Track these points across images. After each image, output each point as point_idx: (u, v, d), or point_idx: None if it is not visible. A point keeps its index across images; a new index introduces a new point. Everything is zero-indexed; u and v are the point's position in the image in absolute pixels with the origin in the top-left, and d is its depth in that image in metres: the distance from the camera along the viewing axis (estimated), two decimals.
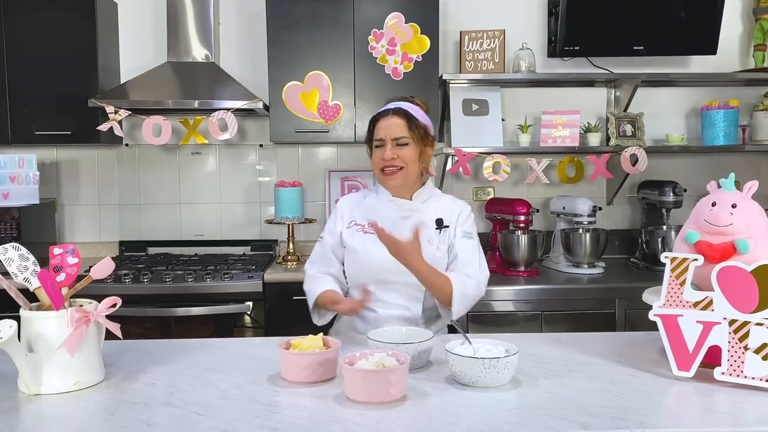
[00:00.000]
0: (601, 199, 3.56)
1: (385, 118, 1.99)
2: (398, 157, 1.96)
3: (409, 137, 1.97)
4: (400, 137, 1.96)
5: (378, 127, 2.00)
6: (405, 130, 1.97)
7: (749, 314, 1.39)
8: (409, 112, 2.00)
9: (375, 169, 2.02)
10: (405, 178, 2.00)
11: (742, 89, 3.56)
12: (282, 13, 3.13)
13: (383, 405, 1.30)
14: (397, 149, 1.96)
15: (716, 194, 1.54)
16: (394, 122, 1.98)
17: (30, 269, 1.47)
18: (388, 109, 2.02)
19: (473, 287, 1.92)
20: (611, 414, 1.25)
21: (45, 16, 3.13)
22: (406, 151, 1.97)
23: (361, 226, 2.03)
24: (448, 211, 2.05)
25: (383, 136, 1.98)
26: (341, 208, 2.11)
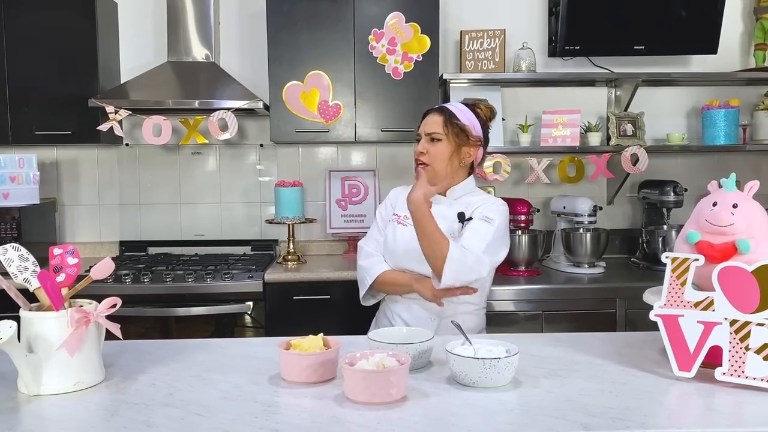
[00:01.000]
0: (601, 199, 3.56)
1: (427, 116, 2.11)
2: (427, 152, 2.05)
3: (443, 133, 2.04)
4: (432, 132, 2.05)
5: (421, 125, 2.11)
6: (440, 126, 2.05)
7: (750, 314, 1.39)
8: (450, 110, 2.07)
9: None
10: (431, 175, 2.04)
11: (742, 89, 3.56)
12: (282, 13, 3.13)
13: (383, 405, 1.29)
14: (428, 144, 2.06)
15: (717, 194, 1.54)
16: (433, 119, 2.07)
17: (30, 270, 1.47)
18: (431, 108, 2.13)
19: (472, 260, 1.91)
20: (612, 414, 1.25)
21: (45, 15, 3.13)
22: (437, 147, 2.04)
23: (398, 216, 2.15)
24: (477, 206, 2.07)
25: (420, 131, 2.10)
26: (391, 196, 2.25)
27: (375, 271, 2.11)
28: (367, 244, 2.20)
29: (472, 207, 2.07)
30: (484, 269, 1.95)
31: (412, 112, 3.16)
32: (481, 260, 1.93)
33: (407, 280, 2.06)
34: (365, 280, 2.13)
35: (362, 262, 2.16)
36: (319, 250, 3.55)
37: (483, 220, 2.01)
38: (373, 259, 2.15)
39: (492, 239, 1.98)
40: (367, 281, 2.12)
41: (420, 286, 2.02)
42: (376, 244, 2.18)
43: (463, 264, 1.89)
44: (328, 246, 3.56)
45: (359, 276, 2.18)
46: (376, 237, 2.20)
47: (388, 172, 3.56)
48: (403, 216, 2.12)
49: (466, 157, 2.08)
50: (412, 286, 2.04)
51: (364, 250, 2.18)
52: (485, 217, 2.01)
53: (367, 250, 2.17)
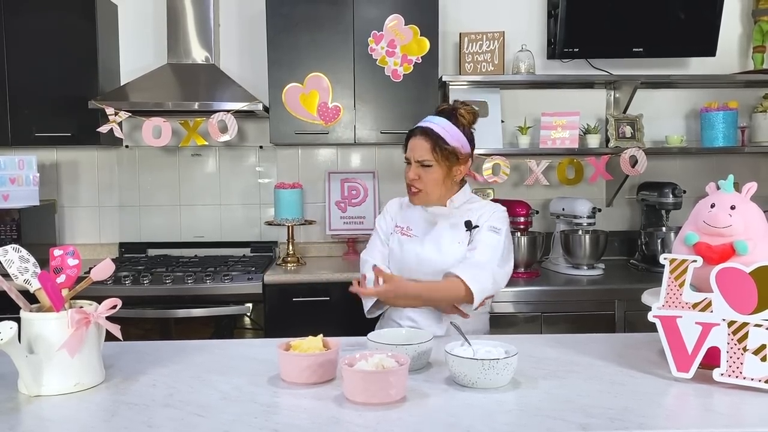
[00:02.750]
0: (600, 201, 3.56)
1: (414, 138, 2.04)
2: (419, 178, 2.01)
3: (433, 159, 1.99)
4: (423, 159, 2.01)
5: (409, 146, 2.05)
6: (429, 152, 1.99)
7: (748, 315, 1.39)
8: (437, 132, 1.99)
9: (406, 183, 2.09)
10: (425, 199, 2.05)
11: (741, 91, 3.56)
12: (282, 15, 3.14)
13: (383, 406, 1.30)
14: (420, 170, 2.02)
15: (715, 196, 1.55)
16: (420, 144, 2.01)
17: (30, 271, 1.47)
18: (415, 129, 2.05)
19: (488, 279, 1.92)
20: (610, 415, 1.25)
21: (45, 17, 3.13)
22: (429, 173, 2.01)
23: (400, 228, 2.14)
24: (480, 213, 2.07)
25: (409, 156, 2.05)
26: (390, 209, 2.23)
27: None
28: (372, 256, 2.14)
29: (474, 214, 2.07)
30: (501, 281, 1.99)
31: (412, 114, 3.17)
32: (495, 275, 1.95)
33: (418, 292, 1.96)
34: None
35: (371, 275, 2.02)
36: (318, 252, 3.55)
37: (492, 231, 2.02)
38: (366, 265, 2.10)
39: (503, 249, 2.01)
40: None
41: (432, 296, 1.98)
42: (381, 256, 2.14)
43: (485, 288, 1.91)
44: (327, 248, 3.56)
45: None
46: (380, 249, 2.16)
47: (387, 173, 3.56)
48: (406, 227, 2.12)
49: (458, 175, 2.06)
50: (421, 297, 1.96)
51: (368, 262, 2.11)
52: (493, 228, 2.02)
53: (371, 262, 2.09)
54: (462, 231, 2.05)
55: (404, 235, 2.11)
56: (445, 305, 1.97)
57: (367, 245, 2.22)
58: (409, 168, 2.05)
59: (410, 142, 2.05)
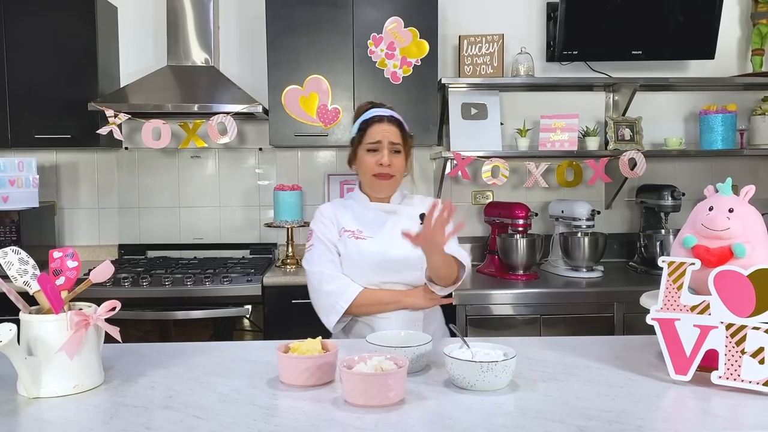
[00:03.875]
0: (599, 203, 3.57)
1: (381, 124, 2.01)
2: (392, 164, 2.00)
3: (402, 146, 2.02)
4: (396, 143, 2.01)
5: (373, 131, 2.01)
6: (399, 138, 2.02)
7: (746, 318, 1.39)
8: (402, 122, 2.06)
9: (367, 173, 2.03)
10: (394, 186, 2.07)
11: (740, 93, 3.57)
12: (282, 17, 3.14)
13: (381, 408, 1.30)
14: (392, 156, 2.00)
15: (713, 198, 1.55)
16: (391, 129, 2.01)
17: (30, 273, 1.48)
18: (382, 116, 2.03)
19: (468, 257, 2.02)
20: (609, 417, 1.26)
21: (45, 19, 3.14)
22: (399, 159, 2.02)
23: (352, 232, 2.04)
24: (423, 207, 2.09)
25: (380, 139, 1.99)
26: (328, 215, 2.10)
27: (349, 294, 1.97)
28: (325, 267, 2.01)
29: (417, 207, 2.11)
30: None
31: (411, 117, 3.15)
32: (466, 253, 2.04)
33: (393, 297, 1.99)
34: (336, 305, 1.97)
35: (329, 287, 1.98)
36: None
37: None
38: (341, 281, 1.99)
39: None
40: (340, 306, 1.96)
41: (412, 300, 2.00)
42: (334, 266, 2.02)
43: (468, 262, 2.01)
44: None
45: (325, 303, 1.99)
46: (330, 258, 2.03)
47: None
48: (357, 230, 2.04)
49: (407, 168, 2.09)
50: (401, 302, 1.99)
51: (326, 274, 1.99)
52: None
53: (330, 274, 1.99)
54: (416, 224, 2.01)
55: (359, 238, 2.02)
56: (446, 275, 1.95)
57: (310, 258, 2.05)
58: (375, 154, 2.00)
59: (377, 127, 2.01)
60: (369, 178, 2.04)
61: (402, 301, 1.99)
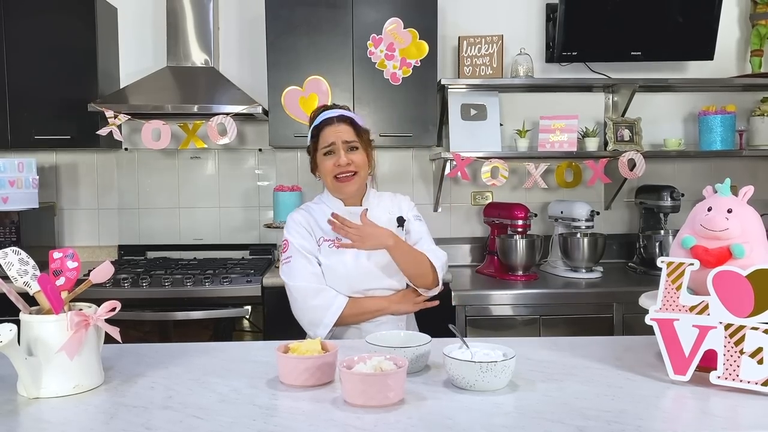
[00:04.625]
0: (599, 204, 3.57)
1: (331, 126, 1.99)
2: (352, 161, 1.98)
3: (358, 142, 2.00)
4: (351, 141, 1.99)
5: (325, 134, 1.99)
6: (353, 135, 2.00)
7: (745, 318, 1.40)
8: (353, 118, 2.03)
9: (328, 177, 2.00)
10: (359, 183, 2.03)
11: (739, 94, 3.58)
12: (281, 18, 3.15)
13: (381, 408, 1.30)
14: (350, 154, 1.98)
15: (712, 199, 1.55)
16: (343, 128, 1.99)
17: (30, 273, 1.48)
18: (331, 117, 2.00)
19: (443, 256, 2.06)
20: (608, 417, 1.26)
21: (45, 20, 3.14)
22: (357, 155, 2.00)
23: (331, 240, 2.01)
24: (395, 206, 2.13)
25: (334, 141, 1.97)
26: (302, 223, 2.05)
27: (336, 307, 1.95)
28: (308, 281, 1.98)
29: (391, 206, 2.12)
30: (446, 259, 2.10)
31: (411, 118, 3.18)
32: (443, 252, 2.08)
33: (378, 305, 2.00)
34: (324, 319, 1.95)
35: (314, 302, 1.96)
36: None
37: (418, 220, 2.13)
38: (326, 295, 1.97)
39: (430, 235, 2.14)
40: (327, 320, 1.95)
41: (397, 306, 2.01)
42: (317, 279, 1.98)
43: (443, 264, 2.05)
44: None
45: (312, 317, 1.97)
46: (312, 270, 1.99)
47: (386, 176, 3.57)
48: (336, 238, 1.99)
49: (371, 164, 2.07)
50: (387, 309, 2.01)
51: (310, 288, 1.96)
52: (416, 216, 2.14)
53: (314, 288, 1.97)
54: (393, 227, 2.04)
55: (340, 246, 1.97)
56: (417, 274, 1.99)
57: (290, 271, 2.00)
58: (332, 157, 1.98)
59: (327, 130, 1.98)
60: (331, 182, 2.01)
61: (388, 308, 2.01)
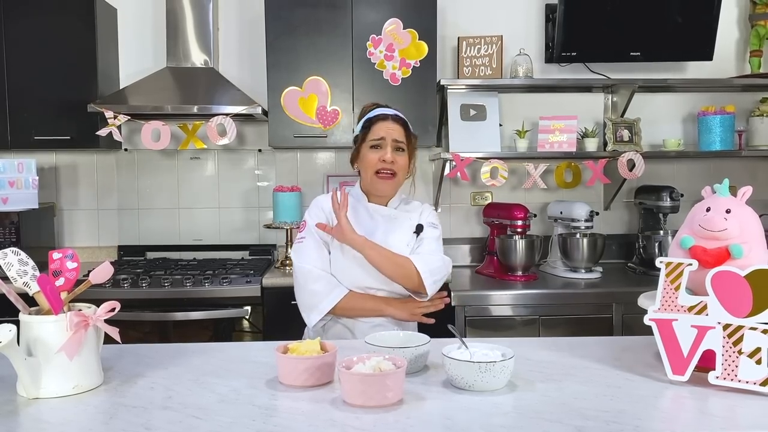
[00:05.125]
0: (598, 204, 3.57)
1: (385, 122, 2.00)
2: (395, 162, 1.98)
3: (406, 145, 2.01)
4: (400, 141, 2.00)
5: (377, 128, 2.00)
6: (403, 136, 2.01)
7: (743, 319, 1.40)
8: (407, 122, 2.05)
9: (368, 169, 2.00)
10: (396, 186, 2.03)
11: (738, 95, 3.58)
12: (281, 19, 3.15)
13: (380, 409, 1.30)
14: (395, 153, 1.98)
15: (710, 199, 1.56)
16: (395, 127, 2.00)
17: (29, 274, 1.48)
18: (387, 114, 2.02)
19: (438, 261, 1.98)
20: (606, 418, 1.26)
21: (45, 21, 3.15)
22: (402, 158, 2.00)
23: None
24: (417, 215, 2.09)
25: (384, 136, 1.98)
26: (325, 207, 2.05)
27: (334, 296, 1.95)
28: (312, 263, 1.97)
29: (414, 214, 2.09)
30: (449, 266, 2.04)
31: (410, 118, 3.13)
32: (444, 259, 2.02)
33: (376, 305, 1.98)
34: (320, 305, 1.94)
35: (314, 286, 1.95)
36: None
37: (432, 227, 2.08)
38: (327, 281, 1.96)
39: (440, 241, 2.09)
40: (323, 307, 1.94)
41: (393, 310, 1.97)
42: (322, 263, 1.98)
43: (435, 268, 1.96)
44: None
45: (309, 301, 1.97)
46: (320, 254, 1.98)
47: None
48: None
49: (410, 170, 2.07)
50: (383, 311, 1.98)
51: (313, 272, 1.96)
52: (432, 224, 2.09)
53: (317, 273, 1.96)
54: (409, 234, 2.03)
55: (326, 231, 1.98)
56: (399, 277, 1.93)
57: (299, 250, 2.01)
58: (378, 151, 1.98)
59: (381, 124, 1.99)
60: (371, 176, 2.00)
61: (383, 310, 1.98)
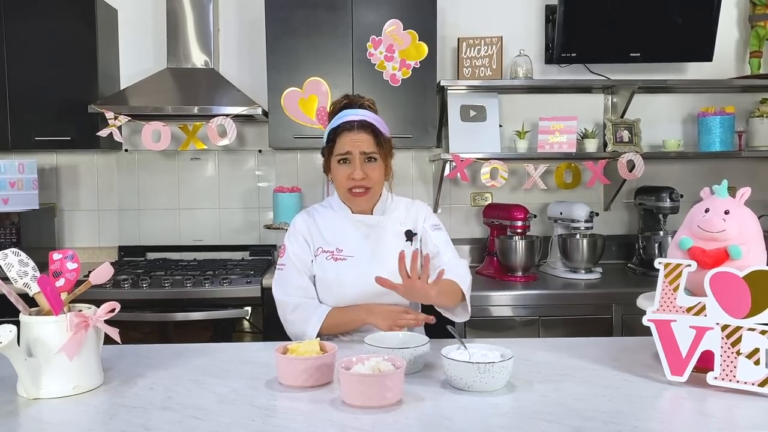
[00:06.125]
0: (598, 205, 3.57)
1: (350, 133, 1.84)
2: (367, 176, 1.85)
3: (377, 152, 1.86)
4: (369, 152, 1.85)
5: (342, 141, 1.85)
6: (373, 145, 1.85)
7: (742, 319, 1.40)
8: (376, 126, 1.87)
9: (340, 187, 1.89)
10: (372, 199, 1.92)
11: (738, 96, 3.58)
12: (281, 20, 3.15)
13: (379, 409, 1.31)
14: (365, 166, 1.85)
15: (709, 200, 1.56)
16: (362, 137, 1.84)
17: (29, 274, 1.48)
18: (352, 122, 1.85)
19: (466, 272, 1.92)
20: (604, 418, 1.26)
21: (45, 22, 3.15)
22: (375, 169, 1.86)
23: (330, 252, 1.91)
24: (410, 217, 1.99)
25: (350, 150, 1.84)
26: (302, 230, 1.95)
27: (315, 322, 1.84)
28: (290, 294, 1.89)
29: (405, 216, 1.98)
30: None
31: (411, 119, 3.19)
32: (466, 267, 1.96)
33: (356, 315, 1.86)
34: (306, 333, 1.84)
35: (292, 317, 1.88)
36: None
37: (437, 230, 2.00)
38: (302, 309, 1.88)
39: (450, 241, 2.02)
40: (308, 335, 1.83)
41: (374, 319, 1.83)
42: (302, 292, 1.90)
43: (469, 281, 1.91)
44: None
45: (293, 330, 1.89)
46: (299, 284, 1.90)
47: None
48: (336, 249, 1.91)
49: (389, 173, 1.92)
50: (364, 320, 1.85)
51: (289, 304, 1.88)
52: (434, 226, 2.00)
53: (293, 303, 1.88)
54: (401, 241, 1.93)
55: (338, 260, 1.89)
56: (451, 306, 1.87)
57: (278, 280, 1.93)
58: (347, 166, 1.85)
59: (345, 137, 1.84)
60: (344, 192, 1.90)
61: (365, 320, 1.85)
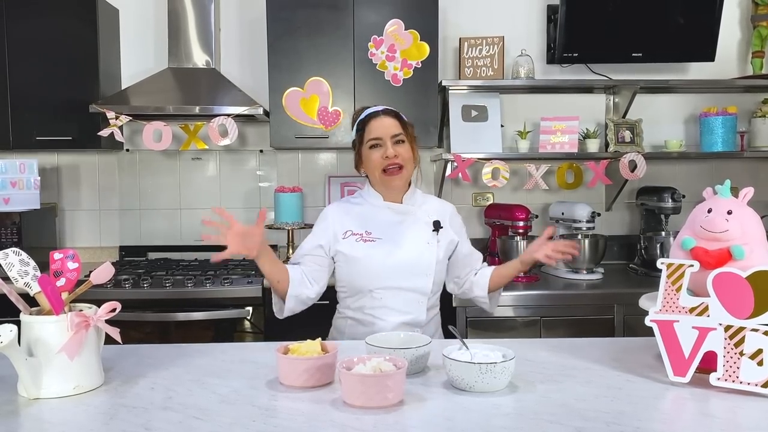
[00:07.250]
0: (600, 205, 3.57)
1: (378, 119, 1.99)
2: (398, 154, 1.96)
3: (404, 135, 1.99)
4: (398, 134, 1.97)
5: (371, 127, 1.98)
6: (399, 128, 1.99)
7: (745, 320, 1.40)
8: (398, 112, 2.04)
9: (374, 170, 1.99)
10: (406, 177, 2.02)
11: (740, 96, 3.57)
12: (282, 20, 3.15)
13: (380, 409, 1.30)
14: (396, 147, 1.97)
15: (712, 201, 1.55)
16: (388, 122, 1.98)
17: (30, 274, 1.48)
18: (377, 110, 2.01)
19: None
20: (606, 419, 1.26)
21: (46, 22, 3.15)
22: (404, 149, 1.98)
23: (359, 234, 2.00)
24: (440, 212, 2.10)
25: (380, 135, 1.97)
26: (332, 217, 2.05)
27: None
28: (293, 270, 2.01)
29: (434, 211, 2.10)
30: None
31: (412, 119, 3.13)
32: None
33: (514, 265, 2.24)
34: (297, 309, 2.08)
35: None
36: None
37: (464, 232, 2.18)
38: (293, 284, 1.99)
39: None
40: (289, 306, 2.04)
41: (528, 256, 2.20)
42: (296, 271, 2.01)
43: None
44: None
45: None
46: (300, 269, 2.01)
47: None
48: (365, 232, 2.01)
49: (417, 160, 2.05)
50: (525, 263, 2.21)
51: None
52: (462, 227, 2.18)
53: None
54: (428, 231, 2.03)
55: (367, 241, 2.00)
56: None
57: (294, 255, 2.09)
58: (379, 149, 1.97)
59: (374, 123, 1.98)
60: (379, 176, 1.99)
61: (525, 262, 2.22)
